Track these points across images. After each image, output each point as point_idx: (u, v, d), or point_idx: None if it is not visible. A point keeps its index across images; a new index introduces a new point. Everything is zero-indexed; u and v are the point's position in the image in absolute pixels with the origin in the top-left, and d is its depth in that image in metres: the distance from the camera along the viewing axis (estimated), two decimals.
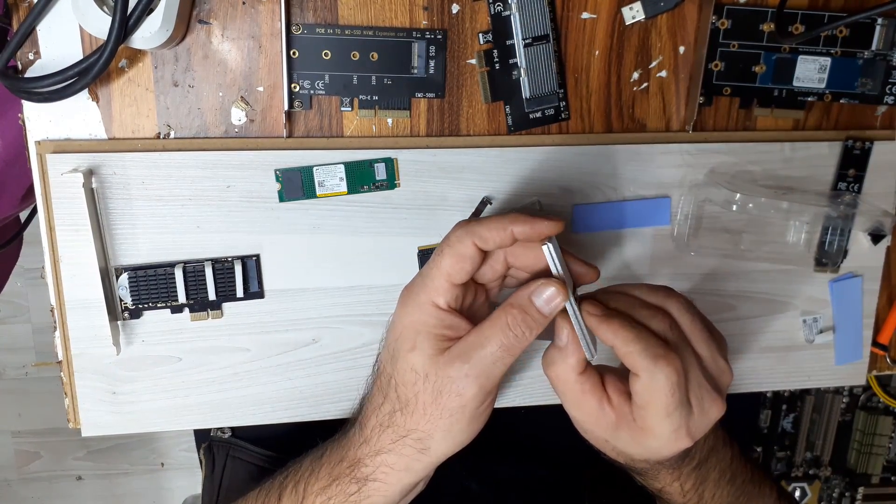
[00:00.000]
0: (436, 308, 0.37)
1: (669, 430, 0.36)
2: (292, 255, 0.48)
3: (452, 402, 0.37)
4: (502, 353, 0.37)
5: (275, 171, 0.47)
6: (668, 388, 0.35)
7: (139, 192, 0.46)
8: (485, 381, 0.37)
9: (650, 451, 0.38)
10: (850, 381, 0.57)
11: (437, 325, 0.38)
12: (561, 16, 0.47)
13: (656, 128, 0.50)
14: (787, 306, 0.54)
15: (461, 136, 0.49)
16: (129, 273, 0.47)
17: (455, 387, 0.37)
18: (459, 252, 0.37)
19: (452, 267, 0.37)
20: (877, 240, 0.54)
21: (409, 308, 0.38)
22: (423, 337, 0.38)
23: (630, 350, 0.35)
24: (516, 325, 0.37)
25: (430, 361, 0.37)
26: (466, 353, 0.37)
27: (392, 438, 0.39)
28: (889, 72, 0.51)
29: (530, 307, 0.37)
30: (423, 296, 0.38)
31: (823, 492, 0.89)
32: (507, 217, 0.37)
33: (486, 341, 0.37)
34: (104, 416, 0.49)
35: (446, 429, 0.38)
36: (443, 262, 0.37)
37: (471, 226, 0.37)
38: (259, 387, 0.50)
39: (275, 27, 0.45)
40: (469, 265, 0.37)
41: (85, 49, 0.44)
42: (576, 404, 0.38)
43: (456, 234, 0.37)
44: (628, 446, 0.38)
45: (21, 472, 1.47)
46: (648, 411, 0.36)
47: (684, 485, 0.43)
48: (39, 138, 0.45)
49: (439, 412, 0.38)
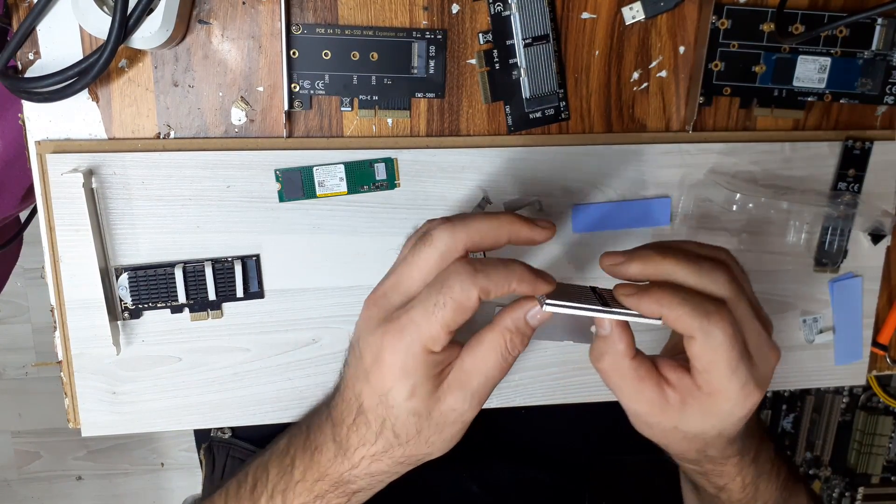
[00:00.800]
0: (432, 354, 0.36)
1: (738, 387, 0.35)
2: (292, 255, 0.48)
3: (455, 427, 0.37)
4: (499, 374, 0.37)
5: (275, 171, 0.47)
6: (727, 342, 0.34)
7: (139, 192, 0.46)
8: (482, 398, 0.37)
9: (724, 418, 0.36)
10: (850, 381, 0.57)
11: (433, 367, 0.36)
12: (561, 16, 0.48)
13: (656, 128, 0.50)
14: (787, 306, 0.54)
15: (461, 136, 0.49)
16: (129, 273, 0.47)
17: (458, 416, 0.37)
18: (463, 304, 0.34)
19: (453, 319, 0.35)
20: (877, 240, 0.54)
21: (401, 355, 0.35)
22: (420, 382, 0.36)
23: (679, 313, 0.33)
24: (515, 347, 0.36)
25: (431, 400, 0.36)
26: (466, 381, 0.36)
27: (388, 465, 0.39)
28: (889, 72, 0.51)
29: (527, 327, 0.36)
30: (417, 346, 0.35)
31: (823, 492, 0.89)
32: (512, 273, 0.35)
33: (485, 367, 0.36)
34: (104, 416, 0.49)
35: (445, 446, 0.38)
36: (446, 314, 0.34)
37: (476, 278, 0.34)
38: (259, 387, 0.50)
39: (275, 27, 0.45)
40: (469, 314, 0.35)
41: (85, 49, 0.44)
42: (635, 394, 0.36)
43: (460, 285, 0.34)
44: (700, 423, 0.37)
45: (21, 472, 1.47)
46: (713, 372, 0.34)
47: (745, 478, 0.42)
48: (39, 138, 0.45)
49: (441, 438, 0.38)
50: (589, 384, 0.53)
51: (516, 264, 0.35)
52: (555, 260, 0.51)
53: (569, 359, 0.52)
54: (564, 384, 0.53)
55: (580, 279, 0.51)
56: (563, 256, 0.51)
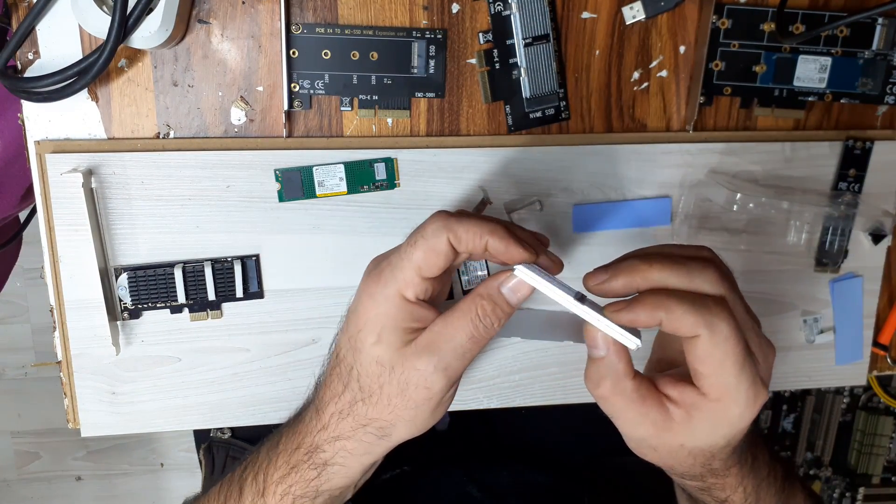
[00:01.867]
0: (404, 301, 0.36)
1: (747, 386, 0.33)
2: (292, 255, 0.48)
3: (419, 394, 0.37)
4: (471, 345, 0.36)
5: (274, 170, 0.47)
6: (733, 336, 0.33)
7: (139, 191, 0.46)
8: (452, 372, 0.36)
9: (734, 423, 0.35)
10: (851, 381, 0.57)
11: (404, 317, 0.36)
12: (561, 15, 0.47)
13: (657, 128, 0.50)
14: (788, 306, 0.54)
15: (461, 135, 0.49)
16: (129, 273, 0.47)
17: (422, 380, 0.36)
18: (433, 246, 0.35)
19: (425, 261, 0.35)
20: (877, 240, 0.54)
21: (376, 299, 0.37)
22: (389, 330, 0.36)
23: (679, 313, 0.32)
24: (486, 316, 0.36)
25: (397, 354, 0.36)
26: (434, 344, 0.36)
27: (352, 426, 0.38)
28: (889, 72, 0.50)
29: (500, 298, 0.36)
30: (391, 287, 0.36)
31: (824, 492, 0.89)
32: (487, 225, 0.35)
33: (455, 332, 0.36)
34: (104, 416, 0.49)
35: (410, 419, 0.37)
36: (415, 254, 0.36)
37: (449, 221, 0.35)
38: (259, 387, 0.50)
39: (274, 27, 0.45)
40: (442, 261, 0.36)
41: (84, 49, 0.44)
42: (639, 418, 0.35)
43: (432, 227, 0.35)
44: (709, 434, 0.35)
45: (20, 472, 1.47)
46: (721, 373, 0.33)
47: (747, 487, 0.41)
48: (39, 138, 0.45)
49: (404, 403, 0.37)
50: None
51: (492, 220, 0.35)
52: None
53: (569, 359, 0.52)
54: (564, 384, 0.53)
55: (580, 279, 0.51)
56: (563, 256, 0.51)
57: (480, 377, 0.52)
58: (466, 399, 0.52)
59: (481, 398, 0.52)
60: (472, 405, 0.52)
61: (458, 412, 0.53)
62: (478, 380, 0.52)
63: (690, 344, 0.33)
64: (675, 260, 0.34)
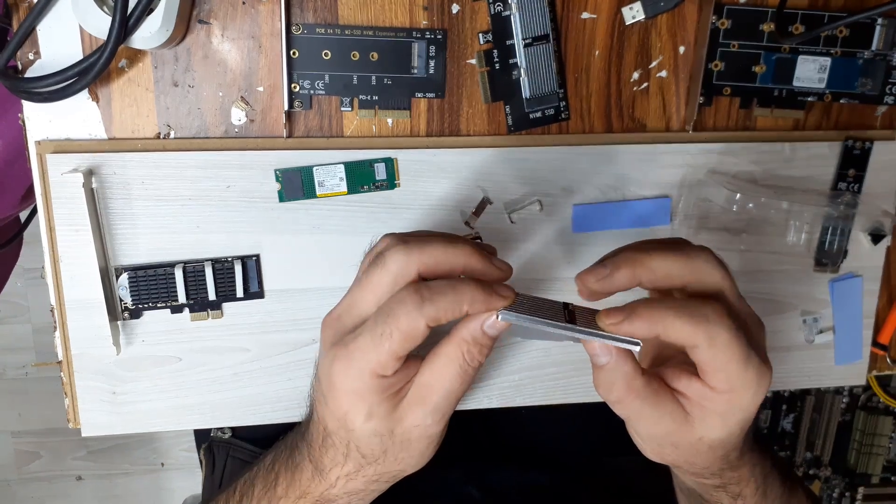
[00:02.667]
0: (383, 378, 0.35)
1: (754, 373, 0.33)
2: (292, 255, 0.48)
3: (423, 443, 0.36)
4: (461, 386, 0.35)
5: (275, 171, 0.47)
6: (734, 338, 0.32)
7: (139, 192, 0.46)
8: (446, 412, 0.36)
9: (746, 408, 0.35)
10: (850, 381, 0.57)
11: (386, 388, 0.35)
12: (561, 16, 0.48)
13: (656, 128, 0.50)
14: (787, 306, 0.54)
15: (461, 136, 0.49)
16: (129, 273, 0.47)
17: (423, 431, 0.36)
18: (409, 334, 0.33)
19: (401, 347, 0.33)
20: (877, 240, 0.54)
21: (352, 379, 0.35)
22: (376, 404, 0.35)
23: (676, 325, 0.32)
24: (474, 358, 0.35)
25: (391, 419, 0.35)
26: (425, 396, 0.35)
27: (364, 483, 0.38)
28: (889, 72, 0.51)
29: (484, 338, 0.34)
30: (366, 370, 0.34)
31: (823, 492, 0.89)
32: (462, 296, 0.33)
33: (444, 380, 0.35)
34: (104, 416, 0.49)
35: (417, 462, 0.38)
36: (391, 345, 0.33)
37: (424, 308, 0.33)
38: (259, 387, 0.50)
39: (275, 27, 0.45)
40: (419, 341, 0.34)
41: (85, 49, 0.44)
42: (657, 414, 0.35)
43: (408, 317, 0.33)
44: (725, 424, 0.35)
45: (21, 472, 1.47)
46: (727, 371, 0.33)
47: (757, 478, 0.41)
48: (39, 138, 0.45)
49: (410, 454, 0.37)
50: (589, 384, 0.53)
51: (466, 286, 0.34)
52: (555, 260, 0.51)
53: (569, 359, 0.52)
54: (564, 384, 0.53)
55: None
56: (563, 256, 0.51)
57: (480, 377, 0.52)
58: (466, 399, 0.52)
59: (481, 398, 0.52)
60: (472, 405, 0.52)
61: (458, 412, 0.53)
62: (478, 380, 0.52)
63: (691, 350, 0.33)
64: (674, 248, 0.34)
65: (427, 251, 0.34)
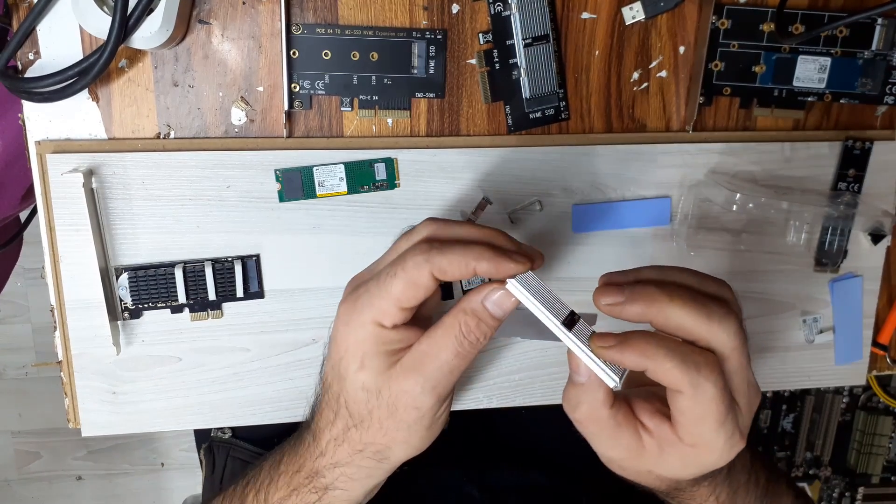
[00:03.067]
0: (382, 328, 0.35)
1: (724, 440, 0.33)
2: (292, 255, 0.48)
3: (410, 415, 0.36)
4: (457, 361, 0.35)
5: (275, 171, 0.47)
6: (718, 396, 0.32)
7: (139, 192, 0.46)
8: (441, 390, 0.35)
9: (704, 467, 0.35)
10: (850, 381, 0.57)
11: (384, 342, 0.35)
12: (561, 16, 0.48)
13: (656, 128, 0.50)
14: (787, 306, 0.54)
15: (461, 136, 0.49)
16: (129, 273, 0.47)
17: (411, 400, 0.35)
18: (414, 279, 0.34)
19: (404, 293, 0.34)
20: (877, 240, 0.54)
21: (353, 326, 0.36)
22: (371, 355, 0.35)
23: (667, 367, 0.31)
24: (470, 332, 0.35)
25: (382, 377, 0.35)
26: (419, 363, 0.35)
27: (349, 452, 0.38)
28: (889, 72, 0.51)
29: (484, 313, 0.34)
30: (367, 315, 0.35)
31: (823, 492, 0.89)
32: (471, 252, 0.33)
33: (440, 350, 0.35)
34: (104, 416, 0.49)
35: (404, 439, 0.37)
36: (393, 286, 0.34)
37: (432, 253, 0.34)
38: (259, 387, 0.50)
39: (275, 27, 0.45)
40: (422, 293, 0.34)
41: (85, 49, 0.44)
42: (612, 442, 0.35)
43: (414, 260, 0.34)
44: (677, 470, 0.35)
45: (21, 472, 1.47)
46: (699, 427, 0.33)
47: (720, 497, 0.40)
48: (39, 138, 0.45)
49: (396, 425, 0.36)
50: None
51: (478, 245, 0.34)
52: (555, 260, 0.51)
53: None
54: (564, 384, 0.53)
55: (579, 279, 0.51)
56: (563, 256, 0.51)
57: (480, 377, 0.52)
58: (466, 399, 0.52)
59: (481, 398, 0.52)
60: (472, 405, 0.52)
61: (458, 412, 0.53)
62: (478, 380, 0.52)
63: (672, 394, 0.33)
64: (696, 299, 0.33)
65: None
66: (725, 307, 0.33)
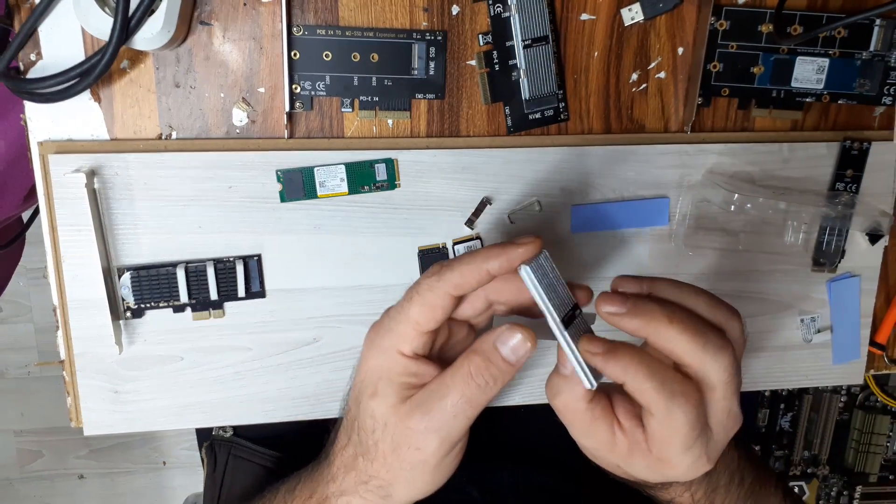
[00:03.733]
0: (400, 356, 0.35)
1: (689, 462, 0.34)
2: (293, 255, 0.48)
3: (412, 455, 0.35)
4: (464, 406, 0.34)
5: (276, 171, 0.47)
6: (687, 425, 0.32)
7: (141, 192, 0.46)
8: (446, 434, 0.35)
9: (667, 478, 0.36)
10: (848, 380, 0.57)
11: (400, 372, 0.35)
12: (560, 17, 0.48)
13: (655, 128, 0.51)
14: (785, 306, 0.55)
15: (461, 136, 0.49)
16: (132, 273, 0.47)
17: (414, 440, 0.35)
18: (430, 302, 0.34)
19: (421, 316, 0.34)
20: (874, 240, 0.54)
21: (374, 352, 0.36)
22: (386, 383, 0.35)
23: (644, 388, 0.32)
24: (479, 374, 0.34)
25: (391, 410, 0.35)
26: (426, 404, 0.34)
27: (355, 482, 0.38)
28: (887, 72, 0.51)
29: (495, 355, 0.34)
30: (387, 341, 0.35)
31: (821, 490, 0.89)
32: (479, 255, 0.34)
33: (448, 392, 0.34)
34: (106, 415, 0.49)
35: (407, 480, 0.36)
36: (411, 309, 0.35)
37: (443, 273, 0.34)
38: (261, 386, 0.50)
39: (276, 28, 0.46)
40: (440, 314, 0.35)
41: (87, 50, 0.44)
42: (586, 433, 0.36)
43: (427, 282, 0.35)
44: (642, 473, 0.36)
45: (23, 470, 1.47)
46: (666, 446, 0.33)
47: (695, 494, 0.41)
48: (42, 139, 0.45)
49: (399, 464, 0.36)
50: None
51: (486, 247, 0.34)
52: (554, 260, 0.51)
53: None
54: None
55: (579, 279, 0.51)
56: (561, 257, 0.51)
57: None
58: None
59: None
60: None
61: None
62: None
63: (645, 412, 0.34)
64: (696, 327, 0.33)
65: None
66: (723, 340, 0.33)
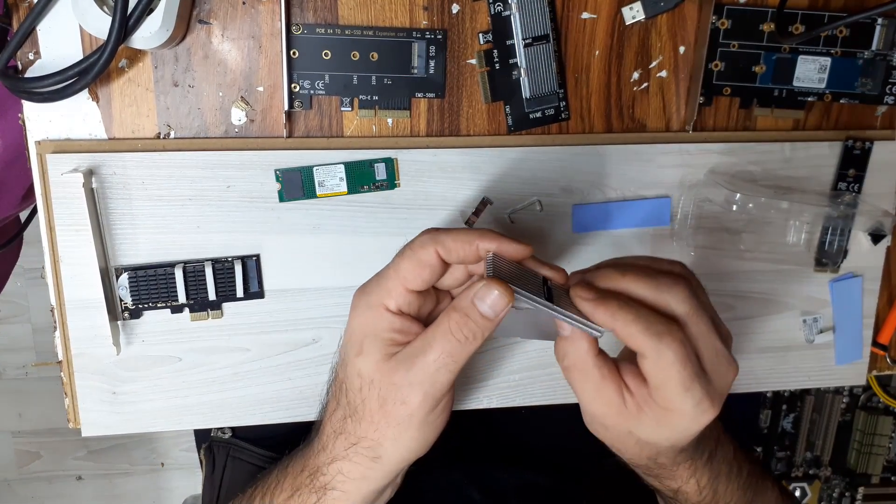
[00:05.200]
0: (386, 311, 0.36)
1: (692, 405, 0.34)
2: (292, 255, 0.48)
3: (398, 410, 0.36)
4: (446, 360, 0.35)
5: (275, 171, 0.47)
6: (679, 362, 0.34)
7: (139, 192, 0.46)
8: (430, 388, 0.36)
9: (678, 432, 0.36)
10: (850, 381, 0.57)
11: (386, 328, 0.36)
12: (561, 16, 0.48)
13: (656, 128, 0.50)
14: (787, 306, 0.55)
15: (461, 136, 0.49)
16: (130, 273, 0.47)
17: (399, 395, 0.36)
18: (420, 258, 0.36)
19: (410, 272, 0.36)
20: (877, 240, 0.54)
21: (360, 310, 0.37)
22: (371, 340, 0.36)
23: (631, 331, 0.34)
24: (459, 329, 0.35)
25: (376, 367, 0.36)
26: (410, 359, 0.36)
27: (345, 445, 0.38)
28: (889, 72, 0.51)
29: (473, 311, 0.35)
30: (374, 297, 0.36)
31: (823, 492, 0.89)
32: (475, 232, 0.36)
33: (429, 347, 0.35)
34: (104, 416, 0.49)
35: (395, 437, 0.37)
36: (401, 265, 0.36)
37: (438, 234, 0.36)
38: (259, 387, 0.50)
39: (275, 27, 0.45)
40: (428, 274, 0.36)
41: (85, 49, 0.44)
42: (596, 394, 0.36)
43: (420, 240, 0.36)
44: (654, 433, 0.36)
45: (21, 471, 1.47)
46: (666, 390, 0.34)
47: (700, 481, 0.42)
48: (39, 138, 0.45)
49: (386, 421, 0.36)
50: None
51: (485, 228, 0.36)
52: (554, 260, 0.51)
53: None
54: (564, 384, 0.52)
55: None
56: (562, 256, 0.51)
57: (480, 377, 0.52)
58: (466, 399, 0.52)
59: (481, 398, 0.52)
60: (472, 405, 0.52)
61: (458, 412, 0.53)
62: (478, 380, 0.52)
63: (640, 358, 0.35)
64: (648, 273, 0.36)
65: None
66: (673, 277, 0.36)
